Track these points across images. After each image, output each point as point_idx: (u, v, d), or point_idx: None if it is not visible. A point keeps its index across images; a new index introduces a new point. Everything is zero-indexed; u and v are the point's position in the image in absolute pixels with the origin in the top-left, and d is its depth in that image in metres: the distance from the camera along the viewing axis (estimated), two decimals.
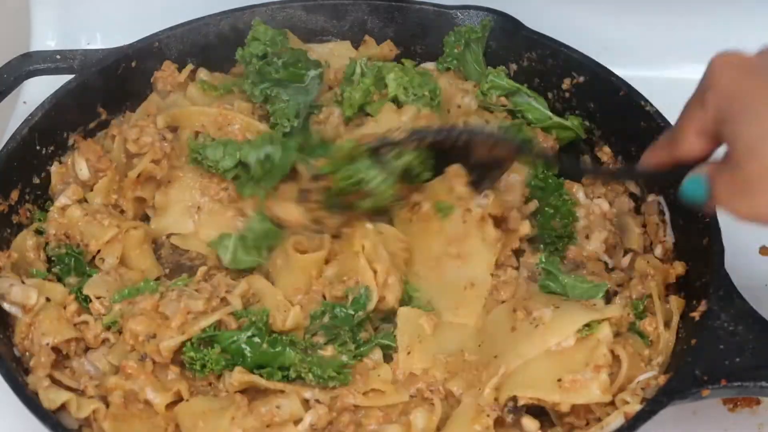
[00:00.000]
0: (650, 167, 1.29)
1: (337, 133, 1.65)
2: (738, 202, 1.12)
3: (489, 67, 1.72)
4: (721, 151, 1.18)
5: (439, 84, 1.68)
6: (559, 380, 1.32)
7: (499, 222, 1.49)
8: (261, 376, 1.36)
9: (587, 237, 1.57)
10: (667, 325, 1.41)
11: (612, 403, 1.33)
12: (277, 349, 1.38)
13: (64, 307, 1.44)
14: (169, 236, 1.62)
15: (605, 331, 1.36)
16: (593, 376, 1.31)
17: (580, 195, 1.61)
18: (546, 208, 1.57)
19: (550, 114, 1.69)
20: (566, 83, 1.69)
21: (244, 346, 1.37)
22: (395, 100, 1.62)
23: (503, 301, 1.45)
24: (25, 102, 1.89)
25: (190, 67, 1.72)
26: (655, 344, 1.40)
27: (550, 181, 1.62)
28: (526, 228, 1.52)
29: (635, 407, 1.30)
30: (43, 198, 1.59)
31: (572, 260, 1.54)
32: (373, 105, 1.64)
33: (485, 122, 1.67)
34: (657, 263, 1.50)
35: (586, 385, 1.31)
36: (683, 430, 1.44)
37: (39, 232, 1.55)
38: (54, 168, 1.60)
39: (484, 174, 1.48)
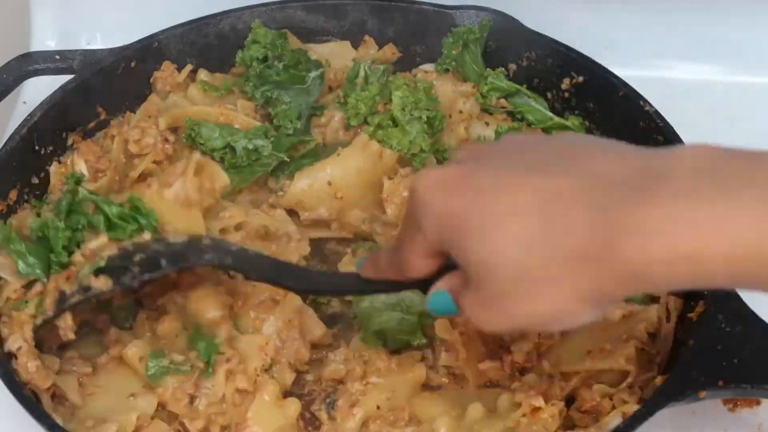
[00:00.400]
0: (375, 279, 1.23)
1: (337, 138, 1.65)
2: (482, 317, 1.06)
3: (488, 69, 1.71)
4: None
5: (441, 98, 1.66)
6: (589, 352, 1.36)
7: None
8: None
9: None
10: (667, 320, 1.41)
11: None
12: None
13: None
14: None
15: (651, 314, 1.40)
16: (621, 345, 1.35)
17: None
18: None
19: (550, 114, 1.69)
20: (566, 83, 1.69)
21: None
22: (393, 119, 1.61)
23: None
24: (25, 102, 1.88)
25: (189, 67, 1.72)
26: (657, 338, 1.40)
27: None
28: None
29: (633, 407, 1.30)
30: (42, 198, 1.59)
31: None
32: (374, 117, 1.62)
33: (485, 124, 1.67)
34: None
35: (613, 352, 1.35)
36: (682, 430, 1.44)
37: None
38: (53, 168, 1.60)
39: None
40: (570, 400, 1.36)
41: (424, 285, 1.17)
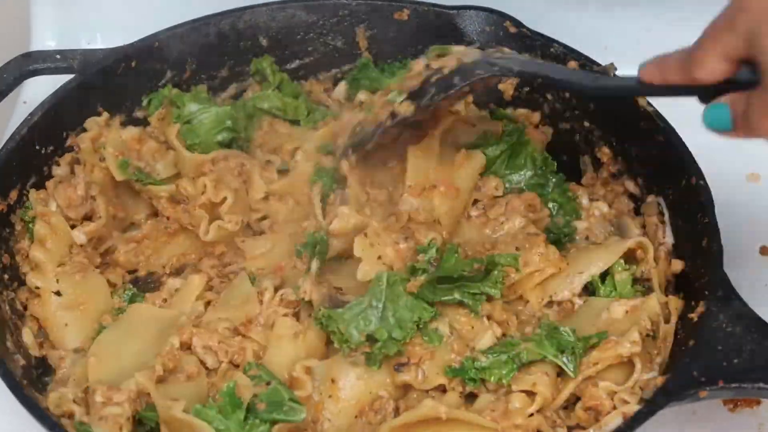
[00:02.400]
0: (658, 84, 1.25)
1: None
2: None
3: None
4: None
5: None
6: (595, 345, 1.38)
7: None
8: None
9: (587, 238, 1.58)
10: (666, 321, 1.42)
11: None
12: None
13: None
14: None
15: (652, 303, 1.41)
16: (626, 334, 1.37)
17: (584, 200, 1.62)
18: (550, 205, 1.59)
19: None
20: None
21: None
22: None
23: None
24: (25, 102, 1.89)
25: None
26: (658, 338, 1.41)
27: (550, 177, 1.63)
28: None
29: (633, 408, 1.31)
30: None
31: None
32: None
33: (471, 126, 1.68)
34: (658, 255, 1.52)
35: (618, 342, 1.36)
36: (683, 430, 1.45)
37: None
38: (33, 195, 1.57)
39: None
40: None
41: (705, 94, 1.20)
